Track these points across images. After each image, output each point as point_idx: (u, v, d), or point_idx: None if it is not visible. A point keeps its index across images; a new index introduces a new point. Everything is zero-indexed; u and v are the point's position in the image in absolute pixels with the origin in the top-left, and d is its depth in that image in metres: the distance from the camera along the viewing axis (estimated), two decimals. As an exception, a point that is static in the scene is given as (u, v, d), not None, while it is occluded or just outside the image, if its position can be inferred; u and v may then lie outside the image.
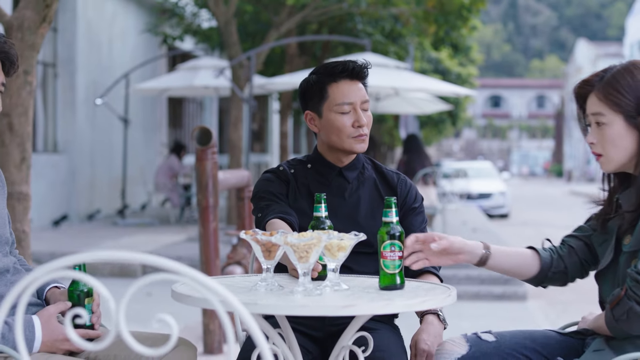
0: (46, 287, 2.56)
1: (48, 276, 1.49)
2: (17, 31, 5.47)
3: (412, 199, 3.00)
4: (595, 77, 2.46)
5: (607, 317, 2.37)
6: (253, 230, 2.24)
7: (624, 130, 2.39)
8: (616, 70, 2.43)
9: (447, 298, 2.25)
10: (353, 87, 2.88)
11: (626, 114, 2.39)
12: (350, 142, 2.89)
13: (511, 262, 2.58)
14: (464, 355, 2.46)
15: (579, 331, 2.57)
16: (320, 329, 2.79)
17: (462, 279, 9.98)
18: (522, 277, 2.61)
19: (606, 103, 2.40)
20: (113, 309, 1.46)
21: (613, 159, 2.43)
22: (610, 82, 2.42)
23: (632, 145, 2.40)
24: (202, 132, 5.23)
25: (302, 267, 2.16)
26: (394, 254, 2.36)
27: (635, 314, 2.28)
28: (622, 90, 2.39)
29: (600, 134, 2.43)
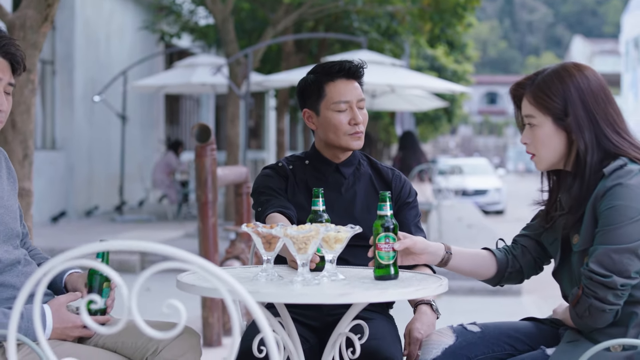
0: (64, 273, 2.67)
1: (63, 265, 1.59)
2: (20, 30, 5.57)
3: (407, 194, 3.11)
4: (527, 80, 2.57)
5: (572, 315, 2.47)
6: (254, 223, 2.35)
7: (553, 132, 2.50)
8: (546, 73, 2.53)
9: (439, 287, 2.36)
10: (349, 86, 2.99)
11: (555, 116, 2.49)
12: (346, 139, 3.00)
13: (470, 264, 2.70)
14: (451, 345, 2.57)
15: (553, 321, 2.68)
16: (318, 319, 2.90)
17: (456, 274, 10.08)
18: (481, 278, 2.73)
19: (536, 106, 2.51)
20: (125, 295, 1.57)
21: (544, 158, 2.54)
22: (540, 85, 2.52)
23: (561, 146, 2.51)
24: (201, 129, 5.33)
25: (301, 258, 2.27)
26: (389, 246, 2.46)
27: (596, 309, 2.38)
28: (551, 94, 2.49)
29: (532, 135, 2.54)
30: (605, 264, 2.36)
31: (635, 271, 2.36)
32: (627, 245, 2.35)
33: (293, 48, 14.75)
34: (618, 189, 2.37)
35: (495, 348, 2.59)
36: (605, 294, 2.36)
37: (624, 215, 2.35)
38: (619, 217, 2.36)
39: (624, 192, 2.37)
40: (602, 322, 2.42)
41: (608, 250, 2.36)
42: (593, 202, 2.43)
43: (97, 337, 2.60)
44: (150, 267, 1.54)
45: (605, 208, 2.38)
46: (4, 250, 2.55)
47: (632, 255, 2.35)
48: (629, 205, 2.35)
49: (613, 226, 2.36)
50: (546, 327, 2.68)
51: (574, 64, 2.54)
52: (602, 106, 2.48)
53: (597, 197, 2.41)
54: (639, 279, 2.38)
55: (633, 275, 2.36)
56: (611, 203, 2.37)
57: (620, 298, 2.38)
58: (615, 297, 2.37)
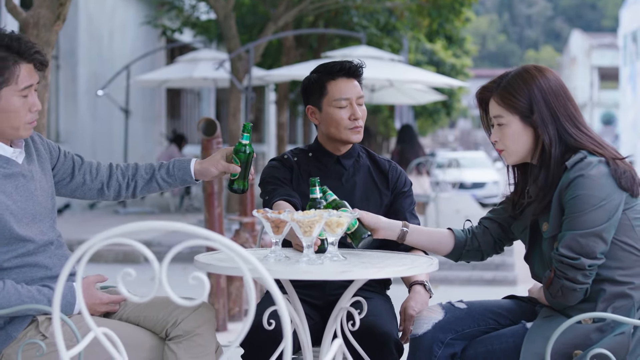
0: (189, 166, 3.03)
1: (102, 243, 1.84)
2: (33, 28, 5.80)
3: (402, 184, 3.39)
4: (493, 84, 2.85)
5: (546, 295, 2.75)
6: (264, 210, 2.61)
7: (521, 129, 2.78)
8: (510, 77, 2.81)
9: (430, 266, 2.64)
10: (349, 85, 3.25)
11: (522, 114, 2.76)
12: (347, 133, 3.26)
13: (428, 240, 2.99)
14: (440, 320, 2.83)
15: (530, 299, 2.95)
16: (321, 298, 3.17)
17: (453, 264, 10.34)
18: (440, 253, 3.02)
19: (504, 106, 2.78)
20: (157, 268, 1.81)
21: (514, 152, 2.82)
22: (505, 87, 2.79)
23: (529, 141, 2.78)
24: (207, 123, 5.56)
25: (306, 240, 2.53)
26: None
27: (568, 289, 2.66)
28: (517, 94, 2.76)
29: (502, 133, 2.81)
30: (574, 248, 2.63)
31: (601, 252, 2.64)
32: (592, 230, 2.62)
33: (293, 43, 14.96)
34: (580, 180, 2.64)
35: (480, 323, 2.85)
36: (575, 275, 2.63)
37: (587, 203, 2.62)
38: (583, 205, 2.63)
39: (585, 182, 2.64)
40: (573, 300, 2.69)
41: (575, 235, 2.63)
42: (559, 193, 2.69)
43: (121, 312, 2.86)
44: (180, 243, 1.78)
45: (570, 198, 2.65)
46: (39, 231, 2.79)
47: (596, 238, 2.62)
48: (591, 194, 2.63)
49: (578, 213, 2.64)
50: (526, 304, 2.95)
51: (535, 66, 2.81)
52: (562, 103, 2.75)
53: (562, 188, 2.68)
54: (604, 259, 2.66)
55: (599, 256, 2.64)
56: (575, 193, 2.64)
57: (588, 277, 2.65)
58: (584, 277, 2.64)
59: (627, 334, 2.65)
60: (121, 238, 1.78)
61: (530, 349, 2.67)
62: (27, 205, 2.78)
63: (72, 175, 3.01)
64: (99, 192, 3.05)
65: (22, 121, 2.76)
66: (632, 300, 2.69)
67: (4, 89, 2.70)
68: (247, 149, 2.98)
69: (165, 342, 2.76)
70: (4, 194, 2.73)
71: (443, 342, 2.78)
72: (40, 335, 2.69)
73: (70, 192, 3.02)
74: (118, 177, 3.06)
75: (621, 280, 2.69)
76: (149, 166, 3.09)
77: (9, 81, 2.70)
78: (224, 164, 3.00)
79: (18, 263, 2.74)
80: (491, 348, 2.76)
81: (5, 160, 2.77)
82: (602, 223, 2.62)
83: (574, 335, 2.65)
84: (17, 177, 2.78)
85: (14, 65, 2.70)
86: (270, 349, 2.72)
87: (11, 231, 2.71)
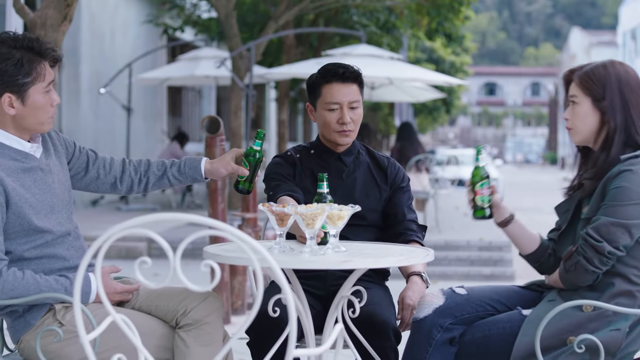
0: (199, 165, 3.18)
1: (121, 233, 1.98)
2: (41, 29, 5.94)
3: (400, 179, 3.55)
4: (578, 68, 3.04)
5: (560, 269, 2.93)
6: (269, 204, 2.76)
7: (590, 110, 2.97)
8: (595, 64, 3.01)
9: (426, 257, 2.79)
10: (342, 89, 3.40)
11: (593, 97, 2.96)
12: (335, 135, 3.44)
13: (522, 233, 3.10)
14: (441, 305, 2.99)
15: (540, 285, 3.10)
16: (323, 289, 3.32)
17: (452, 260, 10.49)
18: (526, 250, 3.12)
19: (580, 87, 2.98)
20: (171, 256, 1.95)
21: (579, 131, 3.00)
22: (586, 71, 2.99)
23: (594, 123, 2.97)
24: (211, 121, 5.71)
25: (309, 232, 2.67)
26: (485, 190, 2.96)
27: (581, 266, 2.83)
28: (594, 78, 2.96)
29: (573, 112, 3.00)
30: (601, 232, 2.82)
31: (623, 245, 2.81)
32: (623, 221, 2.81)
33: (294, 41, 15.10)
34: (628, 174, 2.84)
35: (478, 309, 3.00)
36: (593, 256, 2.82)
37: (627, 196, 2.82)
38: (623, 196, 2.82)
39: (632, 177, 2.84)
40: (583, 280, 2.87)
41: (607, 221, 2.82)
42: (605, 180, 2.88)
43: (134, 301, 3.02)
44: (192, 234, 1.92)
45: (613, 187, 2.85)
46: (57, 222, 2.94)
47: (625, 231, 2.81)
48: (633, 189, 2.82)
49: (616, 203, 2.83)
50: (526, 292, 3.12)
51: (619, 62, 3.02)
52: (636, 97, 2.95)
53: (609, 176, 2.87)
54: (624, 253, 2.83)
55: (621, 248, 2.82)
56: (619, 184, 2.84)
57: (604, 264, 2.83)
58: (600, 262, 2.82)
59: (622, 332, 2.82)
60: (139, 229, 1.92)
61: (529, 329, 2.83)
62: (45, 197, 2.92)
63: (87, 169, 3.15)
64: (112, 187, 3.20)
65: (47, 116, 2.93)
66: (635, 301, 2.86)
67: (32, 88, 2.87)
68: (257, 154, 3.14)
69: (175, 330, 2.91)
70: (23, 187, 2.87)
71: (442, 326, 2.94)
72: (57, 322, 2.84)
73: (85, 186, 3.17)
74: (131, 172, 3.21)
75: (633, 280, 2.87)
76: (161, 163, 3.23)
77: (36, 80, 2.87)
78: (234, 165, 3.15)
79: (37, 254, 2.89)
80: (488, 333, 2.92)
81: (24, 155, 2.91)
82: (634, 219, 2.81)
83: (570, 322, 2.81)
84: (35, 171, 2.92)
85: (38, 64, 2.87)
86: (275, 336, 2.85)
87: (30, 223, 2.85)
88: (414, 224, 3.47)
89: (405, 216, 3.47)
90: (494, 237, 11.08)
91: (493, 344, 2.90)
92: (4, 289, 2.76)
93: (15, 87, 2.85)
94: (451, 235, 11.25)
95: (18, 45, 2.85)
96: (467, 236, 11.18)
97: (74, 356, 2.82)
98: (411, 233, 3.42)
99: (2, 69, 2.83)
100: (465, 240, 10.85)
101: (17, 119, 2.89)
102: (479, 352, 2.92)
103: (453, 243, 10.73)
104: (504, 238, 11.01)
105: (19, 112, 2.88)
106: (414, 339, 2.95)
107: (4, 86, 2.85)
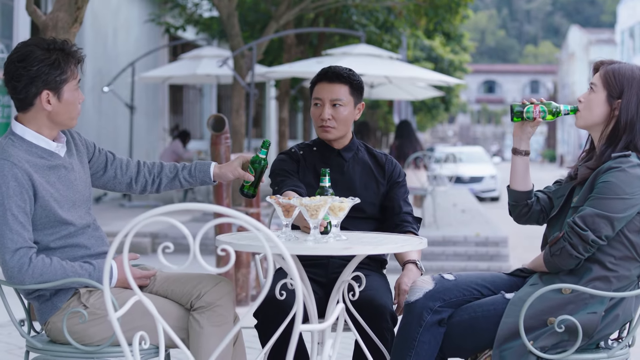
0: (209, 170, 3.44)
1: (146, 221, 2.22)
2: (52, 31, 6.20)
3: (397, 175, 3.82)
4: (609, 62, 3.29)
5: (546, 252, 3.19)
6: (276, 196, 3.00)
7: (602, 102, 3.22)
8: (625, 65, 3.26)
9: (420, 244, 3.07)
10: (327, 88, 3.70)
11: (609, 92, 3.21)
12: (319, 130, 3.76)
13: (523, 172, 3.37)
14: (431, 290, 3.23)
15: (523, 270, 3.35)
16: (325, 276, 3.58)
17: (450, 255, 10.72)
18: (514, 186, 3.38)
19: (602, 79, 3.24)
20: (191, 242, 2.19)
21: (585, 117, 3.26)
22: (613, 67, 3.24)
23: (601, 115, 3.22)
24: (216, 120, 5.95)
25: (312, 222, 2.92)
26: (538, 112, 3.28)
27: (566, 252, 3.09)
28: (617, 76, 3.21)
29: (587, 98, 3.26)
30: (587, 222, 3.07)
31: (605, 235, 3.06)
32: (607, 214, 3.06)
33: (294, 40, 15.32)
34: (616, 171, 3.09)
35: (465, 293, 3.25)
36: (578, 243, 3.07)
37: (613, 191, 3.07)
38: (609, 191, 3.07)
39: (620, 174, 3.08)
40: (566, 265, 3.12)
41: (593, 212, 3.07)
42: (596, 174, 3.14)
43: (151, 286, 3.27)
44: (209, 222, 2.16)
45: (601, 181, 3.10)
46: (78, 216, 3.21)
47: (607, 222, 3.05)
48: (619, 185, 3.07)
49: (603, 196, 3.08)
50: (509, 278, 3.37)
51: None
52: None
53: (600, 171, 3.13)
54: (606, 243, 3.08)
55: (603, 237, 3.07)
56: (607, 179, 3.09)
57: (586, 251, 3.08)
58: (584, 249, 3.07)
59: (598, 315, 3.08)
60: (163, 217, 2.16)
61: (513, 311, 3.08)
62: (68, 193, 3.18)
63: (105, 169, 3.42)
64: (127, 186, 3.47)
65: (76, 111, 3.22)
66: (610, 286, 3.11)
67: (66, 85, 3.15)
68: (262, 162, 3.42)
69: (190, 312, 3.16)
70: (49, 183, 3.13)
71: (432, 309, 3.18)
72: (82, 305, 3.10)
73: (103, 184, 3.43)
74: (145, 173, 3.47)
75: (609, 267, 3.11)
76: (173, 166, 3.50)
77: (69, 78, 3.15)
78: (240, 171, 3.42)
79: (62, 244, 3.15)
80: (474, 315, 3.17)
81: (50, 154, 3.17)
82: (617, 212, 3.06)
83: (551, 304, 3.06)
84: (59, 169, 3.18)
85: (70, 64, 3.16)
86: (281, 319, 3.10)
87: (55, 215, 3.11)
88: (409, 216, 3.74)
89: (402, 209, 3.74)
90: (491, 233, 11.32)
91: (479, 325, 3.15)
92: (33, 274, 3.01)
93: (53, 84, 3.12)
94: (449, 231, 11.47)
95: (52, 47, 3.13)
96: (465, 232, 11.41)
97: (97, 335, 3.09)
98: (407, 224, 3.69)
99: (41, 69, 3.10)
100: (463, 235, 11.07)
101: (52, 115, 3.15)
102: (466, 332, 3.18)
103: (450, 238, 10.96)
104: (500, 234, 11.25)
105: (54, 108, 3.14)
106: (407, 320, 3.20)
107: (43, 84, 3.11)
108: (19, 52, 3.13)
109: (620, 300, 3.11)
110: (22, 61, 3.10)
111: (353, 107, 3.72)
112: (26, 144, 3.14)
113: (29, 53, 3.11)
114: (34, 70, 3.09)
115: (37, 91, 3.12)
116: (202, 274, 3.25)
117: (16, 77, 3.11)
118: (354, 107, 3.73)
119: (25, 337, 3.19)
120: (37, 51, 3.11)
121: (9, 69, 3.13)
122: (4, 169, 3.03)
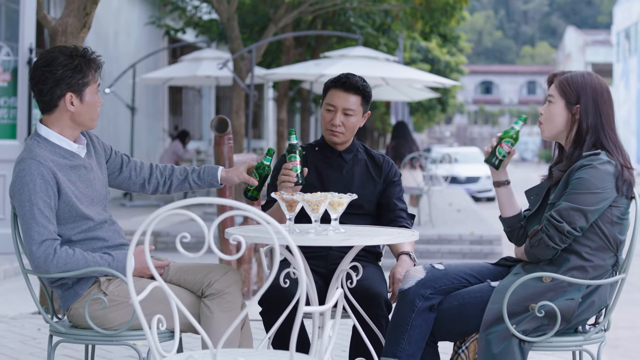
0: (216, 173, 3.72)
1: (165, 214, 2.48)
2: (62, 36, 6.43)
3: (393, 174, 4.10)
4: (560, 73, 3.53)
5: (526, 244, 3.46)
6: (280, 192, 3.27)
7: (562, 110, 3.47)
8: (576, 72, 3.51)
9: (412, 236, 3.34)
10: (341, 96, 3.95)
11: (567, 100, 3.46)
12: (326, 132, 4.01)
13: (508, 199, 3.62)
14: (422, 278, 3.50)
15: (508, 259, 3.62)
16: (324, 267, 3.86)
17: (445, 253, 10.98)
18: (504, 214, 3.63)
19: (557, 89, 3.48)
20: (206, 232, 2.45)
21: (548, 128, 3.51)
22: (566, 77, 3.49)
23: (562, 123, 3.47)
24: (220, 122, 6.21)
25: (314, 216, 3.19)
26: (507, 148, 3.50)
27: (544, 243, 3.36)
28: (572, 83, 3.46)
29: (547, 110, 3.51)
30: (562, 215, 3.33)
31: (580, 227, 3.32)
32: (581, 207, 3.32)
33: (293, 43, 15.56)
34: (589, 168, 3.36)
35: (454, 281, 3.52)
36: (554, 235, 3.33)
37: (586, 186, 3.33)
38: (583, 186, 3.33)
39: (592, 171, 3.34)
40: (544, 255, 3.39)
41: (568, 206, 3.33)
42: (569, 172, 3.40)
43: (164, 275, 3.55)
44: (224, 213, 2.42)
45: (575, 178, 3.36)
46: (96, 212, 3.49)
47: (582, 215, 3.31)
48: (592, 181, 3.34)
49: (576, 191, 3.34)
50: (495, 267, 3.64)
51: (596, 74, 3.51)
52: (607, 107, 3.46)
53: (573, 169, 3.39)
54: (580, 234, 3.34)
55: (578, 229, 3.33)
56: (581, 175, 3.35)
57: (563, 242, 3.34)
58: (560, 240, 3.34)
59: (575, 301, 3.35)
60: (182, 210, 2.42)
61: (497, 298, 3.35)
62: (87, 191, 3.46)
63: (120, 170, 3.70)
64: (141, 187, 3.75)
65: (96, 113, 3.49)
66: (586, 275, 3.37)
67: (87, 88, 3.42)
68: (266, 168, 3.71)
69: (201, 299, 3.44)
70: (70, 181, 3.41)
71: (423, 296, 3.45)
72: (102, 293, 3.38)
73: (118, 184, 3.71)
74: (157, 176, 3.75)
75: (585, 257, 3.37)
76: (183, 169, 3.78)
77: (90, 81, 3.43)
78: (246, 176, 3.70)
79: (82, 237, 3.43)
80: (462, 301, 3.44)
81: (72, 154, 3.44)
82: (590, 205, 3.32)
83: (533, 291, 3.33)
84: (79, 168, 3.46)
85: (91, 69, 3.43)
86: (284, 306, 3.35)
87: (77, 210, 3.39)
88: (403, 212, 4.02)
89: (397, 206, 4.01)
90: (485, 232, 11.59)
91: (466, 311, 3.42)
92: (58, 263, 3.28)
93: (76, 87, 3.40)
94: (444, 230, 11.72)
95: (74, 54, 3.41)
96: (459, 230, 11.67)
97: (115, 320, 3.37)
98: (401, 220, 3.98)
99: (65, 73, 3.38)
100: (458, 234, 11.32)
101: (75, 116, 3.42)
102: (454, 317, 3.44)
103: (445, 237, 11.22)
104: (494, 232, 11.51)
105: (77, 110, 3.41)
106: (400, 306, 3.47)
107: (67, 87, 3.39)
108: (44, 58, 3.40)
109: (596, 287, 3.38)
110: (48, 66, 3.37)
111: (361, 115, 4.00)
112: (50, 145, 3.41)
113: (54, 59, 3.38)
114: (58, 74, 3.36)
115: (62, 93, 3.39)
116: (211, 264, 3.53)
117: (42, 81, 3.38)
118: (362, 115, 4.01)
119: (49, 322, 3.47)
120: (61, 57, 3.38)
121: (35, 74, 3.40)
122: (31, 167, 3.30)
